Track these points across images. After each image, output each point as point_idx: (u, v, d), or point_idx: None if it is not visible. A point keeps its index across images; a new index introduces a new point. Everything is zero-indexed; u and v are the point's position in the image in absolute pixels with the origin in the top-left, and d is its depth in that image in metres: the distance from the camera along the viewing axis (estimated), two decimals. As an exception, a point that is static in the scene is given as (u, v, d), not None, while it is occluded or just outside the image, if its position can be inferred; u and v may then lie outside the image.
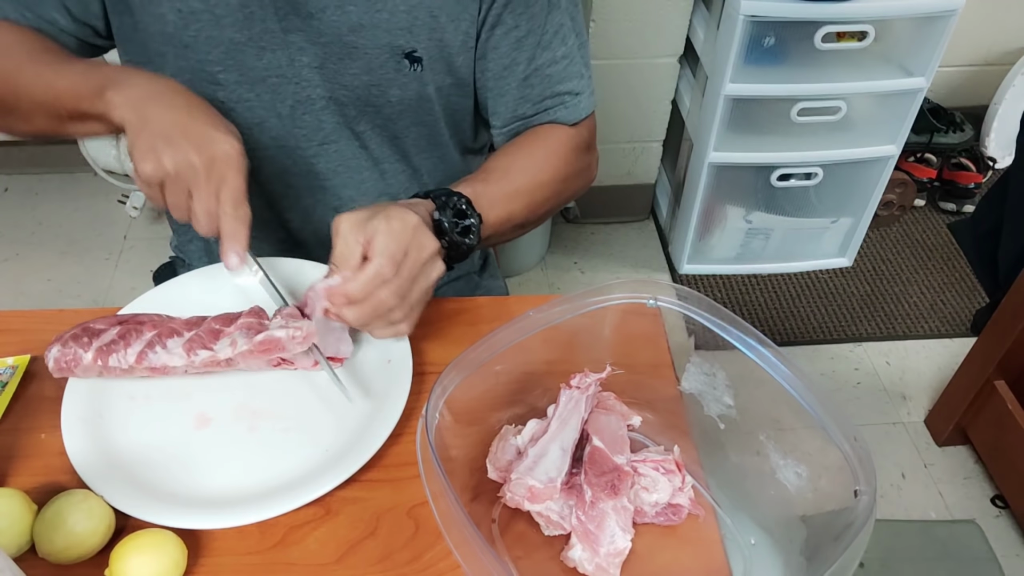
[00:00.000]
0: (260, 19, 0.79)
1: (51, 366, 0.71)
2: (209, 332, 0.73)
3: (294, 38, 0.80)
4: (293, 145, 0.88)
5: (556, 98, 0.89)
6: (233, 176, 0.71)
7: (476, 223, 0.78)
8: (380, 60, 0.82)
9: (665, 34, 1.81)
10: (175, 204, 0.72)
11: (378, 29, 0.80)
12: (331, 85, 0.84)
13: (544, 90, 0.88)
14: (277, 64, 0.82)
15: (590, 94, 0.91)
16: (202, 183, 0.70)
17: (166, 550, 0.61)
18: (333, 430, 0.72)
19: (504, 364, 0.69)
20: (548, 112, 0.90)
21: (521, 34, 0.84)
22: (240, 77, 0.82)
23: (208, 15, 0.78)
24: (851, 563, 0.55)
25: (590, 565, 0.63)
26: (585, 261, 2.12)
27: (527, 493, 0.64)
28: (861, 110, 1.78)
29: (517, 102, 0.89)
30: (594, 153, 0.96)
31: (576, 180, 0.93)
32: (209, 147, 0.70)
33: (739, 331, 0.67)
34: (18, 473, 0.70)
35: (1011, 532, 1.56)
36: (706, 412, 0.73)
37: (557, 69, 0.88)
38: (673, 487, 0.68)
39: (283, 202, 0.93)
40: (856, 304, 2.01)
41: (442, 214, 0.76)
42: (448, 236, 0.76)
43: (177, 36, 0.80)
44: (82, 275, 2.01)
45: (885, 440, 1.72)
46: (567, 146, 0.91)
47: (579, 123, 0.92)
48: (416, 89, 0.85)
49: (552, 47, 0.86)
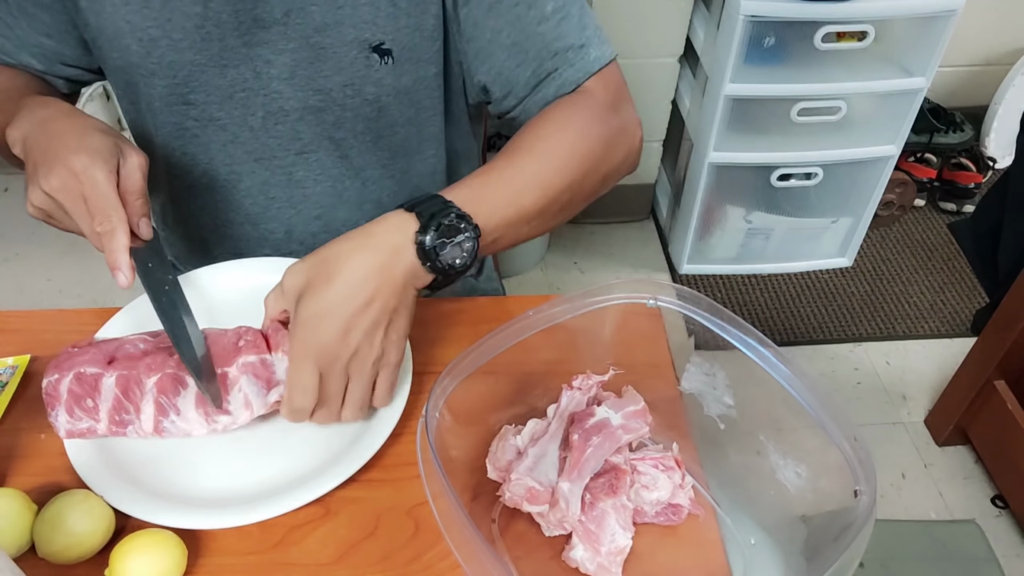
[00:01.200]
0: (218, 38, 0.79)
1: (62, 434, 0.68)
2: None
3: (260, 51, 0.80)
4: (269, 156, 0.87)
5: (557, 56, 0.80)
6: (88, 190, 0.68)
7: (471, 237, 0.68)
8: (349, 58, 0.80)
9: (665, 34, 1.81)
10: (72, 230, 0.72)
11: (342, 25, 0.79)
12: (304, 94, 0.83)
13: (540, 51, 0.80)
14: (242, 79, 0.82)
15: (600, 43, 0.81)
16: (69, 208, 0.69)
17: (166, 550, 0.61)
18: (333, 430, 0.72)
19: (504, 364, 0.68)
20: (553, 77, 0.81)
21: (492, 1, 0.79)
22: (207, 97, 0.83)
23: (166, 40, 0.79)
24: (851, 563, 0.55)
25: (592, 564, 0.63)
26: (585, 261, 2.11)
27: (526, 494, 0.64)
28: (861, 110, 1.78)
29: (514, 72, 0.81)
30: (627, 113, 0.83)
31: (608, 151, 0.79)
32: (57, 171, 0.68)
33: (739, 331, 0.67)
34: (18, 473, 0.70)
35: (1011, 532, 1.56)
36: (706, 412, 0.73)
37: (549, 26, 0.79)
38: (673, 484, 0.68)
39: (266, 214, 0.92)
40: (856, 304, 2.01)
41: (424, 234, 0.66)
42: (432, 262, 0.67)
43: (143, 65, 0.81)
44: (82, 275, 2.01)
45: (885, 440, 1.72)
46: (584, 112, 0.79)
47: (592, 82, 0.81)
48: (391, 84, 0.83)
49: (537, 4, 0.79)
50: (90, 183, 0.68)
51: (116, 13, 0.78)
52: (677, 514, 0.68)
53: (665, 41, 1.82)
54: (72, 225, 0.71)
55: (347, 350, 0.65)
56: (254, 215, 0.92)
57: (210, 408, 0.68)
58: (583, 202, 0.80)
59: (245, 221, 0.93)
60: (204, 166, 0.89)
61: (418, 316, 0.82)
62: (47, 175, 0.68)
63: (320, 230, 0.93)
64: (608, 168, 0.80)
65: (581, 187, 0.77)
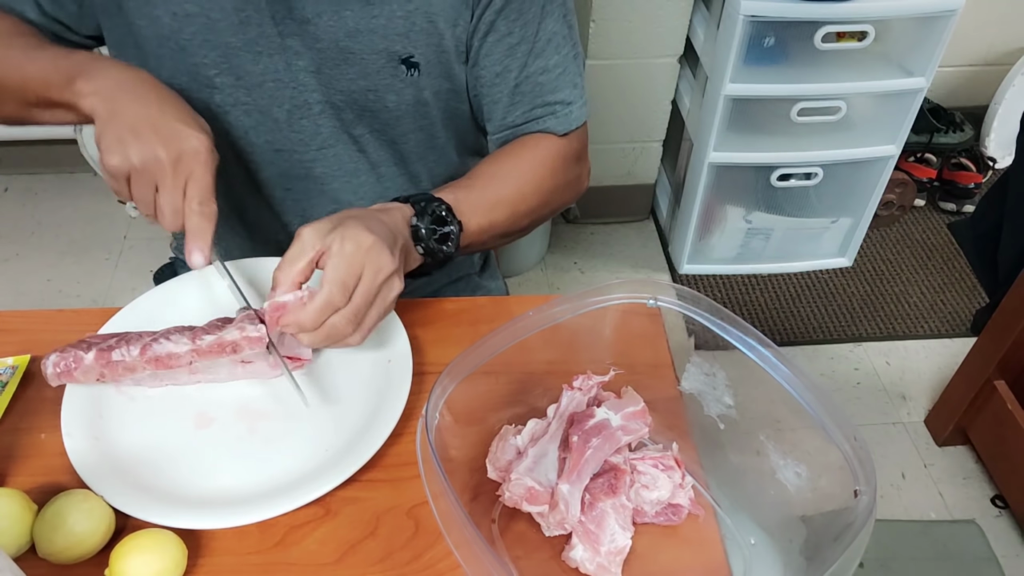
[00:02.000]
0: (256, 23, 0.79)
1: (49, 372, 0.70)
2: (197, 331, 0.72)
3: (291, 42, 0.80)
4: (290, 149, 0.88)
5: (547, 107, 0.88)
6: (201, 172, 0.71)
7: (456, 230, 0.78)
8: (377, 66, 0.81)
9: (665, 34, 1.81)
10: (141, 198, 0.72)
11: (374, 35, 0.80)
12: (327, 90, 0.83)
13: (535, 98, 0.87)
14: (274, 68, 0.82)
15: (582, 104, 0.90)
16: (168, 178, 0.70)
17: (166, 550, 0.61)
18: (333, 430, 0.72)
19: (504, 364, 0.69)
20: (538, 121, 0.89)
21: (514, 41, 0.83)
22: (236, 81, 0.82)
23: (203, 19, 0.78)
24: (851, 563, 0.55)
25: (591, 565, 0.63)
26: (585, 261, 2.12)
27: (526, 494, 0.64)
28: (861, 110, 1.78)
29: (507, 109, 0.88)
30: (585, 164, 0.95)
31: (565, 191, 0.92)
32: (177, 142, 0.70)
33: (739, 331, 0.67)
34: (18, 473, 0.70)
35: (1011, 532, 1.56)
36: (706, 412, 0.73)
37: (549, 78, 0.87)
38: (673, 483, 0.68)
39: (282, 206, 0.93)
40: (856, 304, 2.01)
41: (420, 220, 0.75)
42: (424, 243, 0.75)
43: (172, 39, 0.80)
44: (82, 275, 2.01)
45: (885, 440, 1.72)
46: (556, 156, 0.90)
47: (570, 133, 0.90)
48: (413, 94, 0.85)
49: (545, 55, 0.85)
50: (206, 166, 0.71)
51: None
52: (677, 514, 0.68)
53: (665, 41, 1.82)
54: (143, 194, 0.72)
55: (392, 264, 0.69)
56: (270, 205, 0.93)
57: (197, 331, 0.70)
58: (531, 228, 0.92)
59: (262, 207, 0.93)
60: (223, 150, 0.87)
61: (418, 316, 0.83)
62: (166, 142, 0.70)
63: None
64: (558, 205, 0.93)
65: (537, 215, 0.90)
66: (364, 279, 0.68)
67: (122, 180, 0.71)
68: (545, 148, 0.89)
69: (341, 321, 0.68)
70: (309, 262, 0.68)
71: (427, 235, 0.75)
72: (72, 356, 0.70)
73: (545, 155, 0.89)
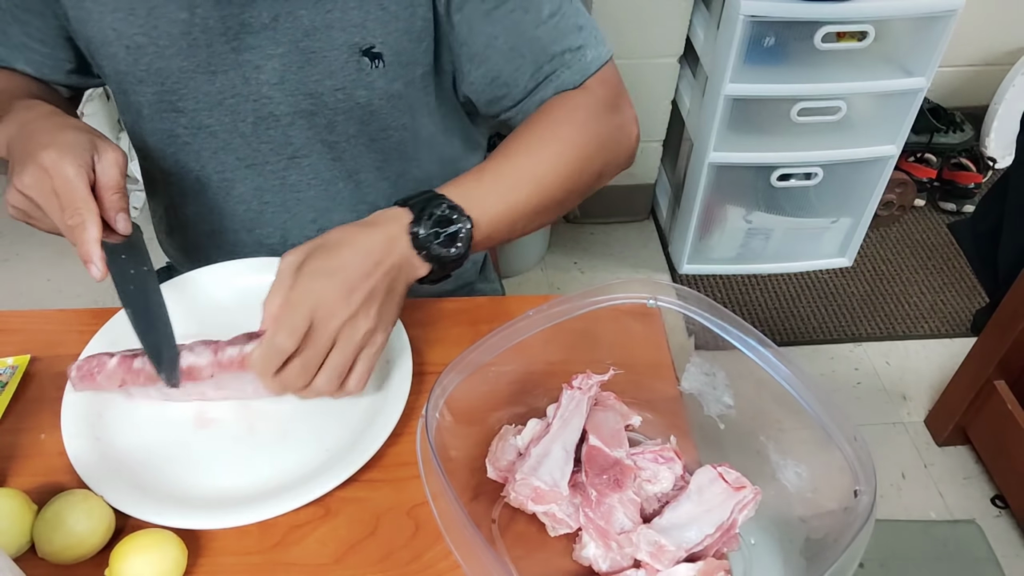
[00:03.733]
0: (205, 44, 0.78)
1: (73, 375, 0.69)
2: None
3: (248, 56, 0.79)
4: (261, 162, 0.87)
5: (555, 60, 0.80)
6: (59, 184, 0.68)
7: (465, 227, 0.71)
8: (340, 62, 0.80)
9: (665, 34, 1.81)
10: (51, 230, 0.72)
11: (332, 29, 0.78)
12: (295, 99, 0.82)
13: (538, 56, 0.80)
14: (231, 85, 0.81)
15: (596, 44, 0.81)
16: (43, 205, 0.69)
17: (166, 550, 0.61)
18: (333, 430, 0.72)
19: (504, 364, 0.69)
20: (551, 79, 0.81)
21: (489, 6, 0.78)
22: (196, 104, 0.82)
23: (153, 47, 0.79)
24: (851, 563, 0.55)
25: (604, 562, 0.63)
26: (585, 261, 2.12)
27: (532, 494, 0.64)
28: (861, 110, 1.78)
29: (514, 77, 0.81)
30: (625, 112, 0.83)
31: (604, 149, 0.81)
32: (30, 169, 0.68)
33: (739, 331, 0.67)
34: (18, 473, 0.70)
35: (1011, 532, 1.56)
36: (706, 412, 0.73)
37: (546, 29, 0.79)
38: (674, 475, 0.68)
39: (260, 219, 0.92)
40: (856, 304, 2.01)
41: (418, 225, 0.69)
42: (427, 249, 0.70)
43: (131, 72, 0.81)
44: (82, 275, 1.98)
45: (885, 440, 1.72)
46: (580, 109, 0.80)
47: (591, 81, 0.81)
48: (383, 87, 0.82)
49: (534, 7, 0.79)
50: (60, 177, 0.68)
51: (103, 21, 0.78)
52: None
53: (665, 41, 1.82)
54: (49, 224, 0.71)
55: (346, 309, 0.65)
56: (249, 221, 0.92)
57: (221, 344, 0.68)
58: (579, 198, 0.81)
59: (240, 227, 0.93)
60: (196, 173, 0.88)
61: (418, 316, 0.83)
62: (20, 173, 0.69)
63: (315, 234, 0.92)
64: (603, 164, 0.81)
65: (576, 183, 0.79)
66: (312, 331, 0.64)
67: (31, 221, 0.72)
68: (564, 106, 0.80)
69: (290, 375, 0.65)
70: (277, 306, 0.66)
71: (427, 240, 0.70)
72: (96, 361, 0.69)
73: (567, 112, 0.80)
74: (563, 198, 0.79)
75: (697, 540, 0.63)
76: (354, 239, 0.68)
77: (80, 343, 0.76)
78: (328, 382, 0.67)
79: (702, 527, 0.64)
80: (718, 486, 0.66)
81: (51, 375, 0.76)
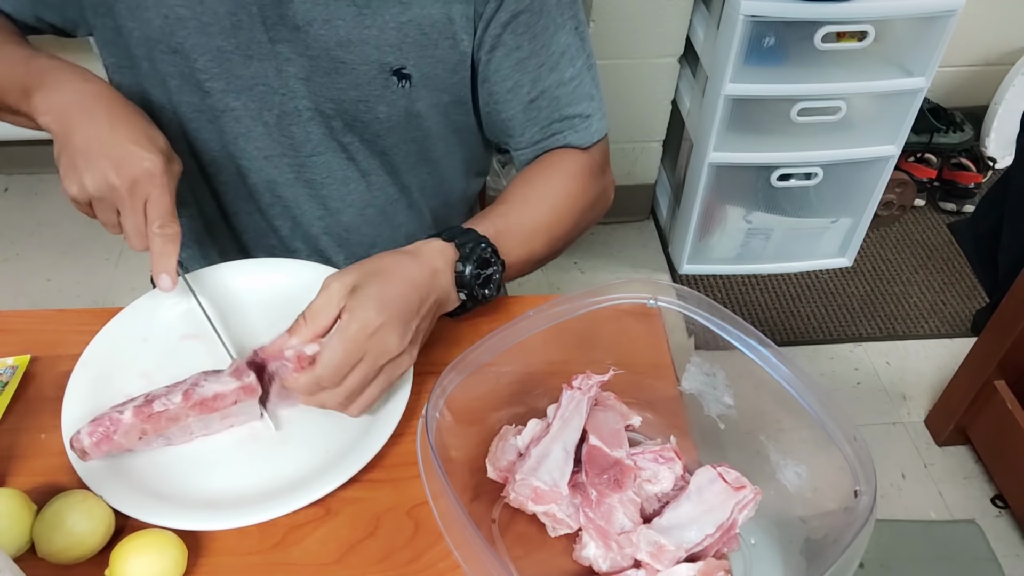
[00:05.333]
0: (248, 28, 0.78)
1: (87, 443, 0.66)
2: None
3: (281, 48, 0.80)
4: (280, 155, 0.87)
5: (565, 121, 0.86)
6: (158, 194, 0.70)
7: (499, 271, 0.76)
8: (368, 76, 0.80)
9: (665, 34, 1.81)
10: (106, 222, 0.72)
11: (366, 45, 0.79)
12: (317, 98, 0.83)
13: (552, 113, 0.86)
14: (264, 74, 0.81)
15: (601, 116, 0.89)
16: (127, 202, 0.69)
17: (166, 550, 0.61)
18: (334, 431, 0.72)
19: (504, 364, 0.69)
20: (559, 136, 0.87)
21: (523, 55, 0.82)
22: (226, 85, 0.82)
23: (195, 22, 0.78)
24: (851, 563, 0.55)
25: (604, 562, 0.63)
26: (585, 261, 2.11)
27: (531, 494, 0.64)
28: (861, 110, 1.78)
29: (524, 125, 0.87)
30: (609, 177, 0.93)
31: (594, 208, 0.90)
32: (129, 167, 0.69)
33: (739, 331, 0.67)
34: (18, 473, 0.70)
35: (1011, 532, 1.56)
36: (706, 412, 0.73)
37: (565, 91, 0.85)
38: (674, 475, 0.68)
39: (272, 210, 0.92)
40: (856, 304, 2.01)
41: (464, 265, 0.73)
42: (469, 290, 0.74)
43: (164, 41, 0.79)
44: (82, 275, 2.01)
45: (885, 440, 1.72)
46: (583, 171, 0.87)
47: (592, 146, 0.89)
48: (404, 106, 0.83)
49: (559, 68, 0.84)
50: (162, 187, 0.70)
51: None
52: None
53: (665, 41, 1.82)
54: (107, 218, 0.71)
55: (399, 349, 0.67)
56: (260, 210, 0.93)
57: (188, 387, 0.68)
58: (562, 252, 0.89)
59: (252, 213, 0.93)
60: (214, 154, 0.88)
61: (418, 316, 0.82)
62: (118, 167, 0.69)
63: (322, 231, 0.94)
64: (588, 223, 0.91)
65: (571, 236, 0.88)
66: (363, 363, 0.66)
67: (84, 206, 0.71)
68: (571, 163, 0.87)
69: (331, 399, 0.67)
70: (331, 319, 0.67)
71: (472, 280, 0.73)
72: (108, 420, 0.67)
73: (573, 171, 0.87)
74: (560, 248, 0.87)
75: (697, 540, 0.63)
76: (405, 270, 0.70)
77: (80, 343, 0.76)
78: (362, 409, 0.69)
79: (702, 527, 0.64)
80: (718, 486, 0.66)
81: (51, 375, 0.76)
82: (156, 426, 0.68)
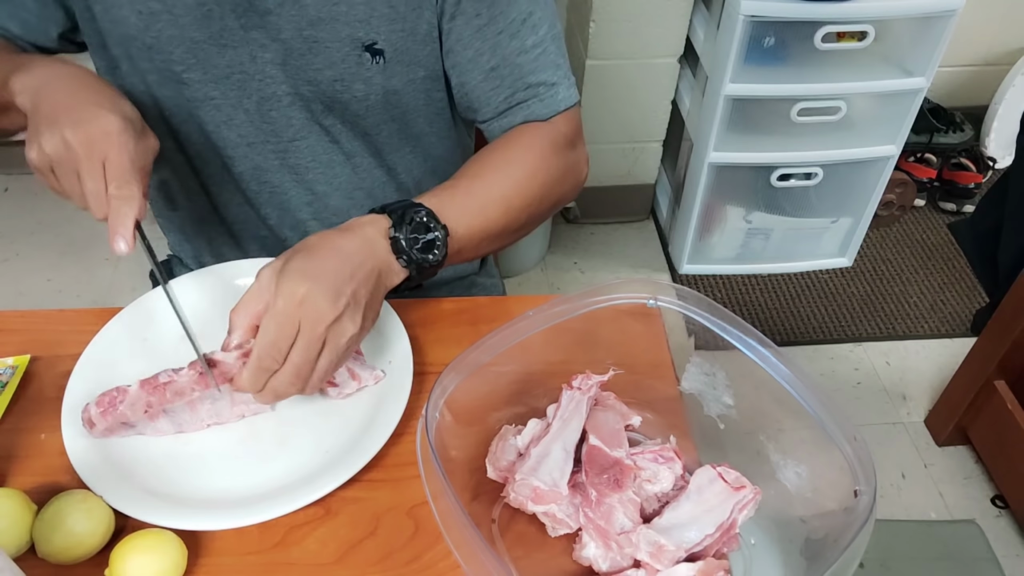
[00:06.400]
0: (219, 17, 0.79)
1: (94, 412, 0.67)
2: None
3: (254, 35, 0.80)
4: (263, 141, 0.88)
5: (529, 90, 0.84)
6: (115, 153, 0.67)
7: (441, 236, 0.73)
8: (341, 54, 0.81)
9: (665, 34, 1.81)
10: (69, 189, 0.69)
11: (337, 22, 0.79)
12: (295, 81, 0.83)
13: (515, 81, 0.84)
14: (239, 61, 0.82)
15: (569, 86, 0.86)
16: (84, 162, 0.67)
17: (166, 550, 0.61)
18: (334, 430, 0.72)
19: (504, 364, 0.69)
20: (522, 106, 0.85)
21: (482, 22, 0.81)
22: (204, 75, 0.82)
23: (167, 15, 0.78)
24: (851, 563, 0.55)
25: (604, 562, 0.63)
26: (585, 261, 2.11)
27: (531, 494, 0.64)
28: (861, 110, 1.78)
29: (488, 95, 0.85)
30: (581, 151, 0.90)
31: (562, 182, 0.87)
32: (86, 125, 0.67)
33: (739, 331, 0.67)
34: (18, 473, 0.70)
35: (1011, 532, 1.56)
36: (706, 412, 0.73)
37: (527, 59, 0.83)
38: (674, 475, 0.68)
39: (259, 198, 0.93)
40: (856, 304, 2.01)
41: (398, 231, 0.71)
42: (407, 254, 0.71)
43: (139, 38, 0.80)
44: (82, 275, 2.01)
45: (885, 440, 1.72)
46: (546, 143, 0.85)
47: (558, 117, 0.86)
48: (381, 83, 0.83)
49: (520, 36, 0.82)
50: (120, 146, 0.67)
51: None
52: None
53: (665, 41, 1.82)
54: (70, 184, 0.68)
55: (333, 312, 0.65)
56: (248, 199, 0.93)
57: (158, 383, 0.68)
58: (534, 225, 0.87)
59: (241, 202, 0.94)
60: (199, 146, 0.89)
61: (418, 316, 0.83)
62: (75, 125, 0.67)
63: (311, 216, 0.94)
64: (558, 196, 0.87)
65: (537, 210, 0.85)
66: (301, 336, 0.64)
67: (48, 174, 0.69)
68: (532, 136, 0.85)
69: (283, 382, 0.65)
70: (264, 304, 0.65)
71: (408, 245, 0.71)
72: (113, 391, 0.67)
73: (534, 143, 0.85)
74: (525, 222, 0.84)
75: (697, 540, 0.63)
76: (333, 243, 0.68)
77: (80, 343, 0.76)
78: (314, 386, 0.67)
79: (702, 527, 0.64)
80: (718, 486, 0.66)
81: (51, 375, 0.76)
82: (162, 399, 0.68)
